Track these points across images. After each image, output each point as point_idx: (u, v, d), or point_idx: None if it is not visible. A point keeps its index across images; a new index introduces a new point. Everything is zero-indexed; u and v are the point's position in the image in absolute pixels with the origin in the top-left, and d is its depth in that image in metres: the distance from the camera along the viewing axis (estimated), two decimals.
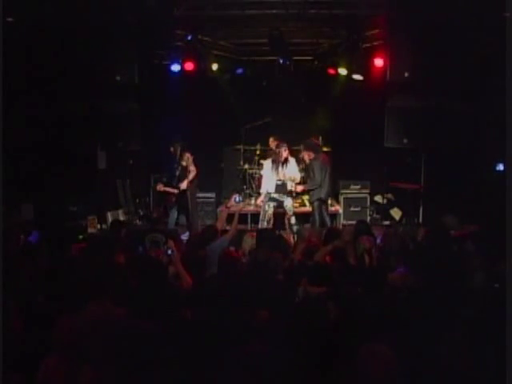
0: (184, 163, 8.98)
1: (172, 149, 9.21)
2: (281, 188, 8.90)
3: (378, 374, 2.68)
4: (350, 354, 2.84)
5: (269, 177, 9.02)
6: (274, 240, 5.81)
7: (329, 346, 3.09)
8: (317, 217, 8.63)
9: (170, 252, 4.82)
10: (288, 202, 8.78)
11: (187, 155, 8.99)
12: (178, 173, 9.03)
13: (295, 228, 8.63)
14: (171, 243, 5.11)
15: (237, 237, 6.33)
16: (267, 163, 9.21)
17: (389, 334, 3.25)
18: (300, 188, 9.04)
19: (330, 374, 2.97)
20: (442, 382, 3.05)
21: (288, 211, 8.74)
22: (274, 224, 8.73)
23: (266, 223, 8.70)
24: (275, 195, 8.87)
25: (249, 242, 5.99)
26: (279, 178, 8.89)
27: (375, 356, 2.72)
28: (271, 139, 9.79)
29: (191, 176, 9.00)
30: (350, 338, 3.17)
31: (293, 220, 8.78)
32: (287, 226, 8.57)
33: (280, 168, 8.88)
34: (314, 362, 2.99)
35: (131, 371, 2.93)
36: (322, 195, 8.71)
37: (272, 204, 8.82)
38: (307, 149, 8.87)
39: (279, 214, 8.86)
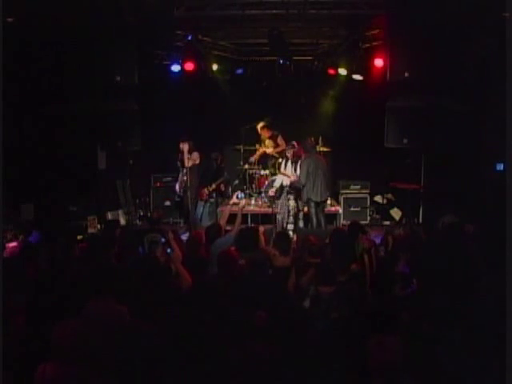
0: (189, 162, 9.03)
1: (181, 145, 9.09)
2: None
3: (385, 362, 2.72)
4: (349, 353, 2.85)
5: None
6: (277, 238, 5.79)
7: (329, 346, 3.09)
8: (313, 217, 8.60)
9: (168, 251, 4.82)
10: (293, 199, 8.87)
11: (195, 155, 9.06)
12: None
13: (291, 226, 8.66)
14: (171, 235, 5.13)
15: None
16: (283, 163, 9.49)
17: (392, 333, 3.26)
18: (287, 174, 9.05)
19: (329, 374, 2.98)
20: (442, 381, 3.06)
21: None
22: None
23: (289, 217, 8.76)
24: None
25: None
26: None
27: (383, 345, 2.76)
28: (260, 125, 10.02)
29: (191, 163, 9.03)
30: (351, 337, 3.19)
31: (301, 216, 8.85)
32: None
33: (289, 166, 9.03)
34: (312, 362, 3.00)
35: (131, 372, 2.93)
36: (312, 196, 8.56)
37: (292, 196, 8.87)
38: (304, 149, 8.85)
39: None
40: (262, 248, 5.58)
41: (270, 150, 10.36)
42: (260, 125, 10.30)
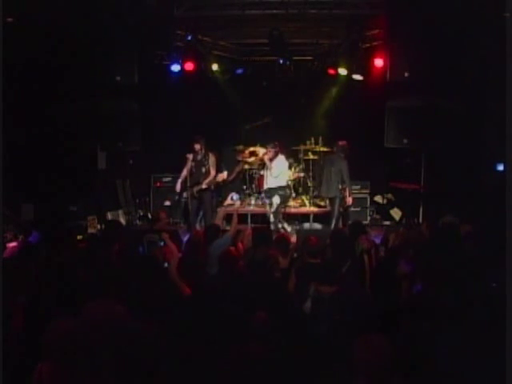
0: (210, 163, 8.83)
1: (198, 146, 8.80)
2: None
3: (372, 362, 2.68)
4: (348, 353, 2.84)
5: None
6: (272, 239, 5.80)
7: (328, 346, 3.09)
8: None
9: (161, 244, 4.80)
10: (276, 199, 8.85)
11: (211, 155, 8.88)
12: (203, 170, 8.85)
13: (272, 226, 8.65)
14: (165, 236, 5.13)
15: (237, 235, 6.33)
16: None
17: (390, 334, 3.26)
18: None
19: (329, 373, 2.98)
20: (442, 381, 3.06)
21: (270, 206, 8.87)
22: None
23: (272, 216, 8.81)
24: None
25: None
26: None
27: (370, 345, 2.72)
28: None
29: (210, 178, 8.81)
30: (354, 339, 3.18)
31: (271, 218, 8.79)
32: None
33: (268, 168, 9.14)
34: (313, 364, 3.00)
35: (130, 373, 2.93)
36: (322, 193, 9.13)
37: (275, 196, 8.90)
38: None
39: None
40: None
41: (251, 160, 10.30)
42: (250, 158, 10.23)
